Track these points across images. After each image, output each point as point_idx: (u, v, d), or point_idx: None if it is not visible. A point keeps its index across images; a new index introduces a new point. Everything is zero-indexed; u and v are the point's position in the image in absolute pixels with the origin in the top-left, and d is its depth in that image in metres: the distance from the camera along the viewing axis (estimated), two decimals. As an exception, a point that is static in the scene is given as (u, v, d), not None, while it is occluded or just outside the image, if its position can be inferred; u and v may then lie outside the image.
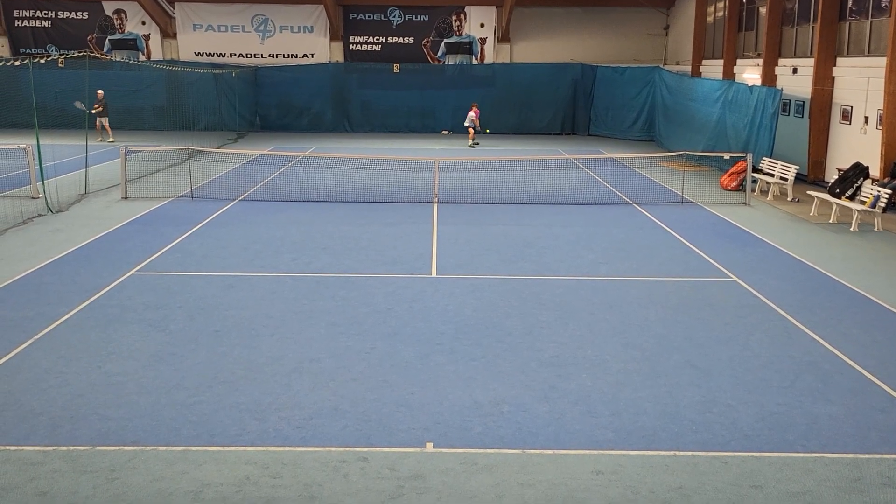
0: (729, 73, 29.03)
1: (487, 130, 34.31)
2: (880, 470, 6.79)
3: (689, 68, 33.03)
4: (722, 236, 15.69)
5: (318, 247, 14.40)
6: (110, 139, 30.19)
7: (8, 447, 7.02)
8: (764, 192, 20.86)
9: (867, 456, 7.03)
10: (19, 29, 36.29)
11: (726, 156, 22.01)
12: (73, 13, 36.21)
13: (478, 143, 31.67)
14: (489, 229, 15.99)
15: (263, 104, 36.01)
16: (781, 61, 25.38)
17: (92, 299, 11.14)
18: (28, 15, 36.11)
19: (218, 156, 25.05)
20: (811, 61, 22.63)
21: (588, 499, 6.31)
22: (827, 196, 18.12)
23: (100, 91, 30.00)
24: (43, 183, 18.28)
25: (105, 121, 30.51)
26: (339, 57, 36.63)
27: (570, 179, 22.40)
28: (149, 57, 36.40)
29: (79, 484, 6.44)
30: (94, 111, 29.56)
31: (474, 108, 31.88)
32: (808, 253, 14.36)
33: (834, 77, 22.12)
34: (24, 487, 6.38)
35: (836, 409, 7.94)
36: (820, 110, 22.39)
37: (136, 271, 12.63)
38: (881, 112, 19.17)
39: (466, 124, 31.81)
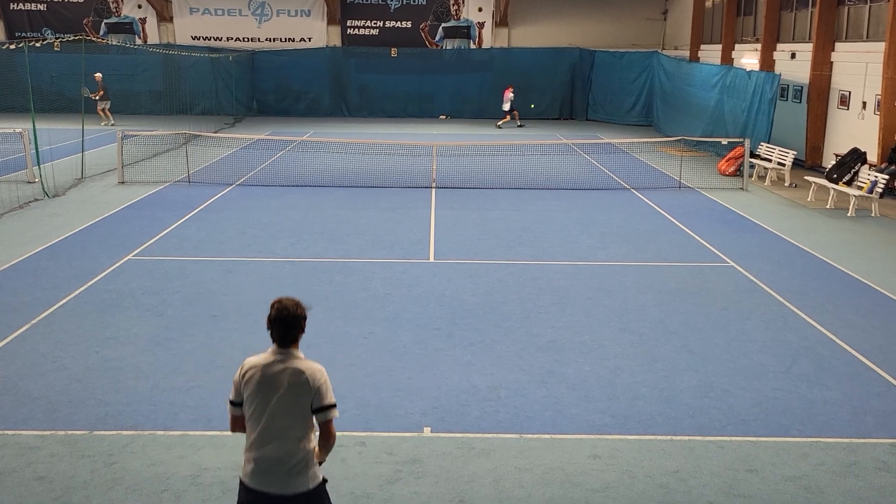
0: (727, 58, 28.96)
1: (532, 106, 34.56)
2: (875, 454, 6.82)
3: (687, 53, 32.94)
4: (719, 221, 15.69)
5: (316, 232, 14.38)
6: (111, 122, 30.13)
7: (6, 431, 7.03)
8: (761, 178, 20.85)
9: (863, 440, 7.06)
10: (15, 12, 36.04)
11: (724, 141, 21.98)
12: (69, -4, 36.01)
13: (521, 125, 32.26)
14: (487, 214, 15.98)
15: (261, 88, 35.86)
16: (780, 46, 25.30)
17: (89, 284, 11.13)
18: (23, -2, 35.91)
19: (215, 140, 24.98)
20: (810, 46, 22.57)
21: (585, 483, 6.34)
22: (824, 181, 18.11)
23: (97, 74, 29.97)
24: (39, 167, 18.21)
25: (105, 105, 30.49)
26: (336, 41, 36.45)
27: (568, 164, 22.37)
28: (145, 41, 36.19)
29: (77, 468, 6.45)
30: (96, 97, 29.51)
31: (510, 90, 32.31)
32: (806, 238, 14.37)
33: (832, 62, 22.06)
34: (23, 472, 6.39)
35: (832, 394, 7.96)
36: (818, 95, 22.35)
37: (134, 256, 12.61)
38: (879, 97, 19.15)
39: (507, 108, 32.15)
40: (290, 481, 4.27)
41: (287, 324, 4.35)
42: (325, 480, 4.46)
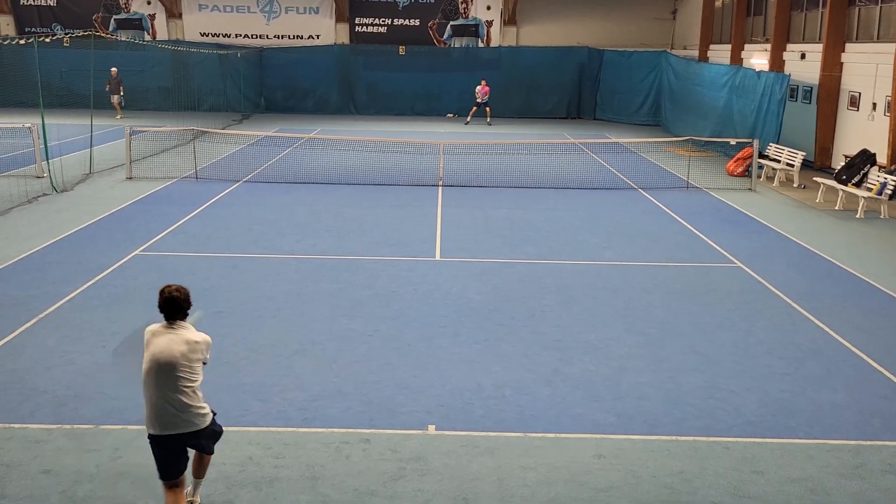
0: (736, 59, 28.85)
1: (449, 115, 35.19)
2: (882, 457, 6.79)
3: (696, 53, 32.83)
4: (727, 222, 15.64)
5: (322, 229, 14.39)
6: (117, 116, 30.84)
7: (12, 425, 7.05)
8: (770, 179, 20.78)
9: (869, 443, 7.03)
10: (25, 7, 36.14)
11: (732, 141, 21.90)
12: (79, -8, 36.11)
13: (489, 123, 32.47)
14: (493, 213, 15.96)
15: (268, 85, 35.90)
16: (790, 46, 25.20)
17: (96, 279, 11.16)
18: (34, -7, 36.01)
19: (223, 137, 25.01)
20: (819, 47, 22.47)
21: (590, 482, 6.32)
22: (833, 183, 18.04)
23: (113, 69, 31.00)
24: (48, 162, 18.25)
25: (115, 98, 31.54)
26: (344, 39, 36.45)
27: (576, 164, 22.32)
28: (154, 37, 36.27)
29: (83, 462, 6.47)
30: (118, 92, 31.48)
31: (483, 85, 32.51)
32: (814, 239, 14.31)
33: (842, 63, 21.96)
34: (29, 465, 6.42)
35: (839, 396, 7.93)
36: (828, 96, 22.25)
37: (141, 251, 12.64)
38: (889, 98, 19.05)
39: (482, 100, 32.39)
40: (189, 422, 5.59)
41: (178, 303, 5.95)
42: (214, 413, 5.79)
